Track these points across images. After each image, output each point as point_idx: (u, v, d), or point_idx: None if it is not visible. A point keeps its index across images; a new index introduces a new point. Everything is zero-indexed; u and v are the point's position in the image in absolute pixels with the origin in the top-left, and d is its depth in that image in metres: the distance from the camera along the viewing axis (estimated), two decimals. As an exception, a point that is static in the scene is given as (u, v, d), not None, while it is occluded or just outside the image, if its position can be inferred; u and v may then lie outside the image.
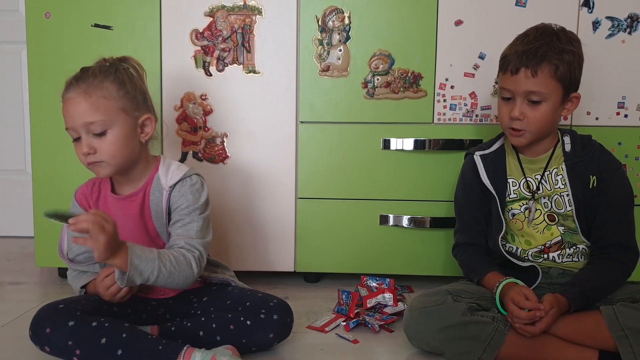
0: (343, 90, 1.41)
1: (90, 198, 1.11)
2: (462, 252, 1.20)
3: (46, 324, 0.93)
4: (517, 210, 1.15)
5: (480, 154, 1.19)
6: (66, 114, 1.03)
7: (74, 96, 1.01)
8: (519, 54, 1.06)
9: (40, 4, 1.41)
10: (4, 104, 2.02)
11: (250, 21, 1.39)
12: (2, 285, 1.49)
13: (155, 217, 1.08)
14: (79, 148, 1.02)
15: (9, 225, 2.06)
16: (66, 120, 1.03)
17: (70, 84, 1.03)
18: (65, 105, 1.03)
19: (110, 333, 0.92)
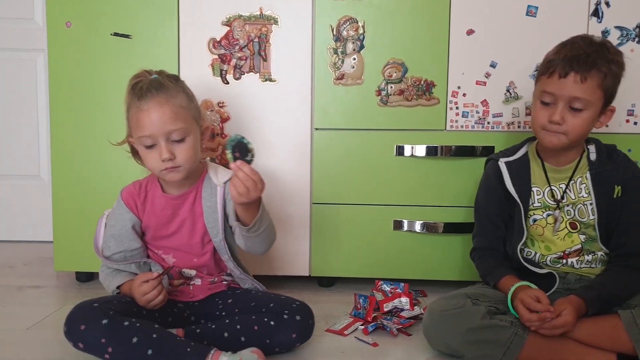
0: (357, 97, 1.44)
1: (137, 198, 1.15)
2: (480, 256, 1.22)
3: (81, 321, 0.96)
4: (539, 216, 1.16)
5: (505, 160, 1.19)
6: (146, 122, 1.05)
7: (156, 105, 1.05)
8: (569, 59, 1.05)
9: (62, 13, 1.44)
10: (19, 111, 2.05)
11: (266, 30, 1.42)
12: (23, 289, 1.51)
13: (207, 212, 1.14)
14: (154, 154, 1.07)
15: (24, 230, 2.09)
16: (144, 128, 1.06)
17: (149, 93, 1.06)
18: (146, 114, 1.05)
19: (141, 333, 0.95)
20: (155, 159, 1.07)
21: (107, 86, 1.45)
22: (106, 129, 1.46)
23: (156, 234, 1.16)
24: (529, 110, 1.42)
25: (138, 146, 1.11)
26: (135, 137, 1.09)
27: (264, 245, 1.13)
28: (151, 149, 1.07)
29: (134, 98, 1.07)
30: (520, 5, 1.39)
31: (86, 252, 1.48)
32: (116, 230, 1.14)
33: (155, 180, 1.18)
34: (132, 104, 1.08)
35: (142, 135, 1.06)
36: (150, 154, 1.08)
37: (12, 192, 2.08)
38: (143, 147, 1.08)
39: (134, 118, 1.07)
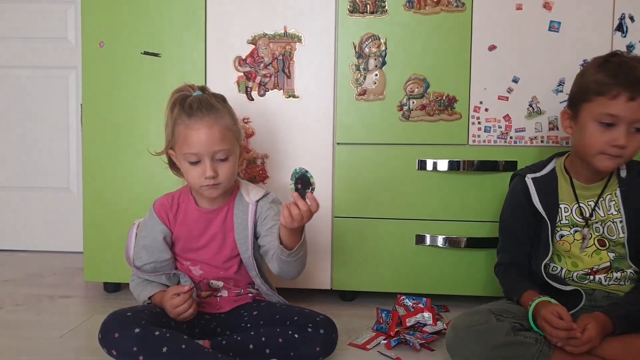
0: (379, 112, 1.46)
1: (170, 210, 1.19)
2: (504, 271, 1.22)
3: (115, 329, 1.00)
4: (566, 232, 1.16)
5: (532, 176, 1.19)
6: (195, 141, 1.09)
7: (206, 126, 1.09)
8: (633, 82, 1.03)
9: (95, 33, 1.50)
10: (50, 126, 2.13)
11: (290, 48, 1.46)
12: (54, 298, 1.56)
13: (238, 229, 1.18)
14: (197, 170, 1.11)
15: (54, 241, 2.16)
16: (192, 146, 1.10)
17: (199, 113, 1.10)
18: (195, 133, 1.09)
19: (171, 343, 0.97)
20: (198, 175, 1.11)
21: (137, 102, 1.50)
22: (135, 144, 1.51)
23: (187, 245, 1.19)
24: (552, 125, 1.42)
25: (180, 160, 1.14)
26: (181, 153, 1.12)
27: (297, 270, 1.15)
28: (195, 165, 1.11)
29: (182, 114, 1.11)
30: (543, 20, 1.39)
31: (114, 263, 1.53)
32: (148, 241, 1.18)
33: (188, 193, 1.21)
34: (180, 120, 1.11)
35: (188, 152, 1.10)
36: (194, 170, 1.12)
37: (42, 203, 2.16)
38: (186, 162, 1.12)
39: (181, 134, 1.11)
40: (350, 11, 1.43)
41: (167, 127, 1.16)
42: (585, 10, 1.38)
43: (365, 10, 1.43)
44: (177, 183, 1.50)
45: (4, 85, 2.12)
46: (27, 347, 1.19)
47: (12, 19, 2.09)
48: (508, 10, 1.40)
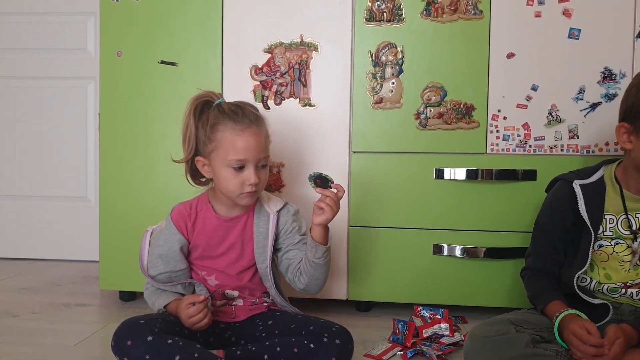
0: (396, 121, 1.45)
1: (188, 220, 1.18)
2: (530, 276, 1.19)
3: (128, 337, 0.99)
4: (605, 243, 1.12)
5: (581, 183, 1.14)
6: (244, 147, 1.09)
7: (254, 133, 1.11)
8: None
9: (113, 43, 1.52)
10: (68, 135, 2.16)
11: (306, 57, 1.46)
12: (70, 306, 1.57)
13: (257, 238, 1.18)
14: (240, 177, 1.10)
15: (70, 250, 2.17)
16: (240, 152, 1.09)
17: (246, 119, 1.11)
18: (244, 140, 1.09)
19: (184, 352, 0.96)
20: (240, 182, 1.10)
21: (153, 112, 1.52)
22: (152, 153, 1.52)
23: (205, 253, 1.18)
24: (572, 134, 1.39)
25: (219, 167, 1.11)
26: (224, 159, 1.10)
27: (324, 277, 1.16)
28: (238, 172, 1.10)
29: (226, 120, 1.10)
30: (562, 28, 1.38)
31: (130, 272, 1.53)
32: (164, 251, 1.16)
33: (206, 201, 1.20)
34: (222, 126, 1.10)
35: (237, 158, 1.09)
36: (237, 177, 1.10)
37: (60, 212, 2.18)
38: (229, 168, 1.10)
39: (227, 140, 1.10)
40: (367, 20, 1.43)
41: (190, 133, 1.14)
42: (606, 17, 1.37)
43: (382, 19, 1.43)
44: (193, 192, 1.50)
45: (24, 96, 2.16)
46: (43, 354, 1.19)
47: (33, 30, 2.13)
48: (527, 17, 1.39)
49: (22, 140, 2.18)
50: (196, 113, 1.14)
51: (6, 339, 1.29)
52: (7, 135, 2.18)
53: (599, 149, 1.39)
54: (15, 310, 1.52)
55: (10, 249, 2.20)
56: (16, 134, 2.18)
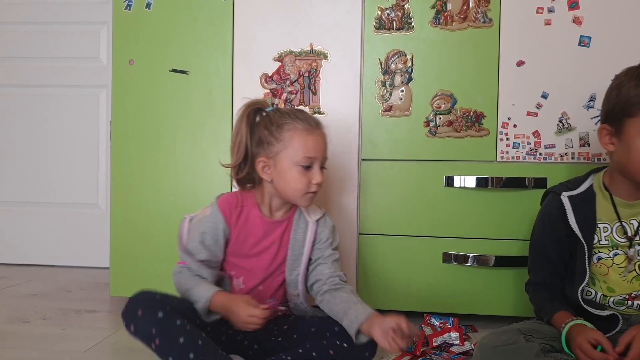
0: (405, 129, 1.45)
1: (234, 210, 1.16)
2: (534, 290, 1.18)
3: (140, 307, 0.98)
4: (604, 255, 1.09)
5: (568, 194, 1.12)
6: (314, 145, 1.11)
7: (321, 134, 1.14)
8: None
9: (126, 52, 1.54)
10: (80, 143, 2.18)
11: (316, 65, 1.47)
12: (80, 312, 1.58)
13: (293, 246, 1.17)
14: (309, 176, 1.11)
15: (81, 256, 2.19)
16: (311, 150, 1.11)
17: (312, 122, 1.13)
18: (314, 139, 1.11)
19: (189, 336, 0.96)
20: (307, 180, 1.11)
21: (165, 119, 1.53)
22: (163, 160, 1.53)
23: (240, 250, 1.16)
24: (583, 141, 1.38)
25: (287, 167, 1.11)
26: (294, 158, 1.10)
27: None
28: (305, 171, 1.11)
29: (296, 120, 1.11)
30: (573, 35, 1.38)
31: (140, 278, 1.54)
32: (207, 238, 1.14)
33: (252, 198, 1.18)
34: (291, 125, 1.11)
35: (308, 155, 1.10)
36: (304, 175, 1.11)
37: (71, 219, 2.20)
38: (298, 167, 1.10)
39: (298, 138, 1.10)
40: (376, 28, 1.44)
41: (241, 139, 1.14)
42: (617, 24, 1.36)
43: (392, 27, 1.44)
44: (204, 200, 1.51)
45: (37, 104, 2.19)
46: (53, 360, 1.20)
47: (47, 39, 2.17)
48: (536, 25, 1.39)
49: (34, 147, 2.20)
50: (249, 119, 1.14)
51: (17, 345, 1.29)
52: (19, 143, 2.21)
53: (611, 157, 1.38)
54: (26, 316, 1.53)
55: (22, 255, 2.22)
56: (28, 141, 2.21)
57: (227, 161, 1.22)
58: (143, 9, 1.52)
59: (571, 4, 1.38)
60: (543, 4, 1.38)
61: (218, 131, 1.50)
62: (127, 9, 1.53)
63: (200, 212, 1.18)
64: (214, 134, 1.51)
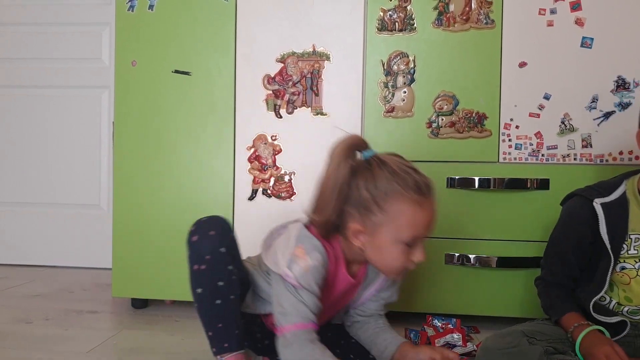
0: (407, 130, 1.45)
1: (331, 264, 1.00)
2: (544, 286, 1.17)
3: (216, 230, 0.97)
4: (629, 265, 1.05)
5: (602, 201, 1.05)
6: (426, 223, 0.93)
7: (433, 205, 0.95)
8: None
9: (128, 53, 1.54)
10: (83, 143, 2.18)
11: (318, 66, 1.47)
12: (82, 313, 1.58)
13: (359, 294, 1.10)
14: (406, 252, 0.94)
15: (83, 257, 2.19)
16: (421, 228, 0.93)
17: (426, 188, 0.94)
18: (427, 214, 0.93)
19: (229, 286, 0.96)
20: (407, 258, 0.95)
21: (167, 120, 1.53)
22: (165, 161, 1.53)
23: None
24: (585, 142, 1.38)
25: (390, 243, 0.93)
26: (397, 233, 0.92)
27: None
28: (407, 248, 0.94)
29: (407, 189, 0.91)
30: (575, 36, 1.38)
31: (142, 279, 1.54)
32: (310, 300, 0.94)
33: (342, 253, 1.01)
34: (403, 196, 0.91)
35: (414, 235, 0.93)
36: (406, 253, 0.94)
37: (73, 220, 2.20)
38: (400, 244, 0.93)
39: (407, 214, 0.91)
40: (378, 29, 1.44)
41: (341, 191, 0.94)
42: (619, 25, 1.36)
43: (394, 28, 1.44)
44: (208, 201, 1.52)
45: (39, 104, 2.20)
46: (56, 361, 1.20)
47: (49, 40, 2.17)
48: (538, 26, 1.39)
49: (36, 148, 2.21)
50: (351, 167, 0.94)
51: (19, 345, 1.30)
52: (21, 143, 2.21)
53: (613, 158, 1.38)
54: (28, 316, 1.53)
55: (24, 256, 2.22)
56: (31, 142, 2.21)
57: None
58: (145, 10, 1.53)
59: (573, 5, 1.38)
60: (545, 5, 1.39)
61: (220, 132, 1.51)
62: (130, 10, 1.53)
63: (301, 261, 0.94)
64: (216, 135, 1.51)
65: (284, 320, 0.93)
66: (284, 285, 0.95)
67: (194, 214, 1.50)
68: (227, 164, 1.51)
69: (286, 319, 0.93)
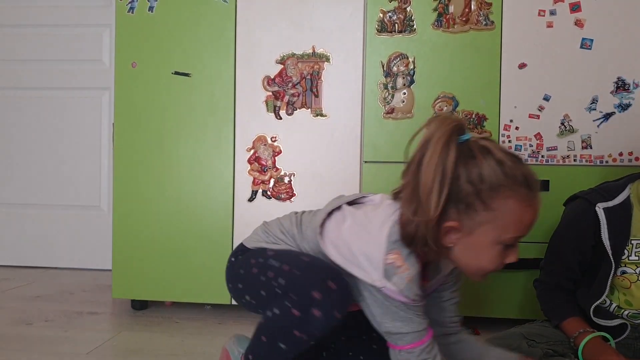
0: (407, 131, 1.45)
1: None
2: (544, 289, 1.16)
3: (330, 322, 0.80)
4: (630, 270, 1.05)
5: (604, 206, 1.03)
6: (531, 222, 0.81)
7: (539, 200, 0.82)
8: None
9: (128, 54, 1.54)
10: (83, 144, 2.19)
11: (318, 68, 1.47)
12: (82, 314, 1.58)
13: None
14: (502, 254, 0.82)
15: (83, 258, 2.19)
16: (526, 228, 0.81)
17: (535, 183, 0.81)
18: (534, 213, 0.81)
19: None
20: (501, 260, 0.83)
21: (167, 122, 1.53)
22: (165, 162, 1.53)
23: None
24: (585, 144, 1.38)
25: (490, 243, 0.81)
26: (503, 235, 0.80)
27: None
28: (505, 250, 0.82)
29: (516, 184, 0.78)
30: (575, 38, 1.38)
31: (142, 280, 1.54)
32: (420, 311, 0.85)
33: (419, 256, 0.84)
34: (514, 192, 0.78)
35: (518, 235, 0.81)
36: (502, 255, 0.82)
37: (73, 221, 2.20)
38: (499, 245, 0.81)
39: (515, 212, 0.79)
40: (378, 30, 1.44)
41: (444, 179, 0.78)
42: (619, 27, 1.36)
43: (394, 30, 1.44)
44: (208, 202, 1.52)
45: (39, 106, 2.20)
46: (56, 362, 1.20)
47: (49, 42, 2.18)
48: (538, 28, 1.39)
49: (37, 149, 2.21)
50: (456, 152, 0.78)
51: (20, 347, 1.30)
52: (22, 145, 2.22)
53: (613, 159, 1.38)
54: (29, 318, 1.53)
55: (24, 257, 2.22)
56: (31, 143, 2.21)
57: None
58: (146, 12, 1.53)
59: (573, 6, 1.38)
60: (545, 7, 1.39)
61: (220, 133, 1.51)
62: (130, 12, 1.53)
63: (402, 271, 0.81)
64: (216, 136, 1.51)
65: (394, 340, 0.83)
66: (383, 299, 0.81)
67: (194, 215, 1.51)
68: (227, 165, 1.51)
69: (395, 338, 0.83)
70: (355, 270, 0.83)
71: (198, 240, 1.51)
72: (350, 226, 0.87)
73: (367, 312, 0.85)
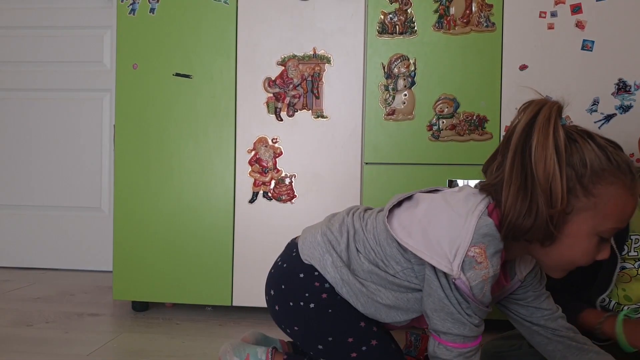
0: (408, 132, 1.45)
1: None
2: (549, 290, 1.16)
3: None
4: (629, 265, 1.06)
5: None
6: (631, 213, 0.77)
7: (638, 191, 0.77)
8: None
9: (129, 56, 1.54)
10: (84, 147, 2.19)
11: (319, 69, 1.47)
12: (83, 316, 1.58)
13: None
14: (595, 248, 0.78)
15: (84, 260, 2.19)
16: (626, 220, 0.76)
17: (636, 171, 0.77)
18: (635, 201, 0.76)
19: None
20: (594, 253, 0.78)
21: (168, 123, 1.53)
22: (166, 164, 1.53)
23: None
24: (586, 145, 1.38)
25: (587, 233, 0.76)
26: (602, 225, 0.75)
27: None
28: (600, 243, 0.78)
29: (621, 172, 0.75)
30: (576, 39, 1.38)
31: (143, 282, 1.54)
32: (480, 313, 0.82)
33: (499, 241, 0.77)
34: (617, 179, 0.74)
35: (617, 226, 0.76)
36: (596, 249, 0.78)
37: (74, 223, 2.20)
38: (596, 237, 0.76)
39: (618, 201, 0.74)
40: (379, 32, 1.45)
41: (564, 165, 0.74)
42: (620, 28, 1.36)
43: (395, 31, 1.44)
44: (210, 204, 1.51)
45: (40, 107, 2.20)
46: (57, 363, 1.20)
47: (51, 43, 2.18)
48: (539, 29, 1.39)
49: (38, 150, 2.21)
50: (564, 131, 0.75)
51: (20, 348, 1.30)
52: (22, 146, 2.22)
53: (614, 160, 1.38)
54: (29, 319, 1.53)
55: (25, 259, 2.23)
56: (32, 144, 2.21)
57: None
58: (147, 14, 1.53)
59: (574, 8, 1.38)
60: (546, 8, 1.39)
61: (221, 135, 1.51)
62: (131, 14, 1.54)
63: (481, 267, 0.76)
64: (217, 137, 1.51)
65: (443, 334, 0.80)
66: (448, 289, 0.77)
67: (195, 216, 1.51)
68: (228, 166, 1.51)
69: (440, 333, 0.80)
70: (426, 255, 0.78)
71: (199, 242, 1.51)
72: (427, 209, 0.82)
73: (427, 296, 0.81)
